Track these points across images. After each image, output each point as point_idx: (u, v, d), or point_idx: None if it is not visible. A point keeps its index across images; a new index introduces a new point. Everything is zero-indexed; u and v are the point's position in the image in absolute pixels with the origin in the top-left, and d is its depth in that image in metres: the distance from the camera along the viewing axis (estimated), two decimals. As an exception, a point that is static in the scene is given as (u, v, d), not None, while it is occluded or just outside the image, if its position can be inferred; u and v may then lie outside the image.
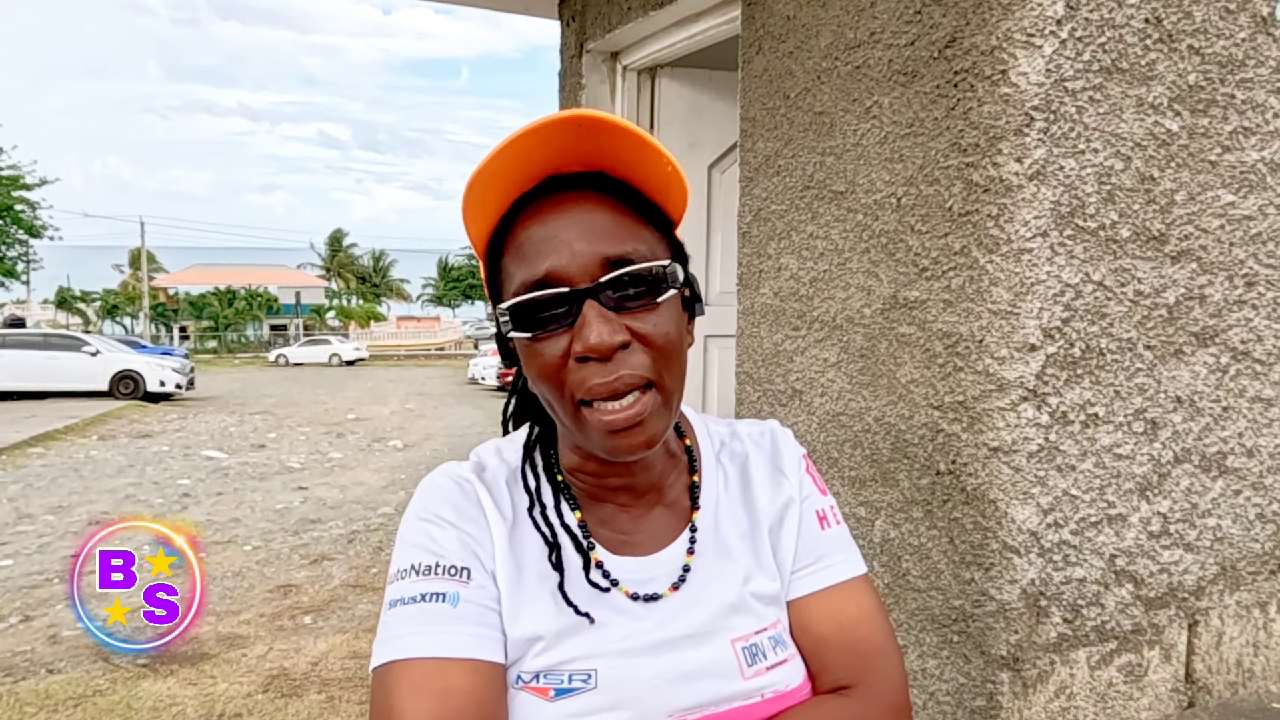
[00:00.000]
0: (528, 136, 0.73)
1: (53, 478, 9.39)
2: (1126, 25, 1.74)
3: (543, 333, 0.76)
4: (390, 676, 0.76)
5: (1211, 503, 1.96)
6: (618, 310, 0.75)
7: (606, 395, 0.75)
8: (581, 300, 0.75)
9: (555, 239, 0.76)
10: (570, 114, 0.73)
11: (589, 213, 0.77)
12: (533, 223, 0.78)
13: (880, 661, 0.88)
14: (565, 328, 0.76)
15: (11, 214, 27.75)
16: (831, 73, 2.06)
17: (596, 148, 0.76)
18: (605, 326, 0.74)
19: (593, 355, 0.74)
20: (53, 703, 3.68)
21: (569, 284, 0.75)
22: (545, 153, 0.76)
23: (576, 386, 0.76)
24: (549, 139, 0.74)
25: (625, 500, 0.87)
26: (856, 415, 2.00)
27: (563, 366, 0.76)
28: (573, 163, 0.78)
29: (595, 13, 3.17)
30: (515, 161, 0.75)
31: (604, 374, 0.75)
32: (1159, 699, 1.91)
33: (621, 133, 0.75)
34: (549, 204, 0.78)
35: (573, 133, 0.74)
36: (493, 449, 0.91)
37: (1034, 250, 1.67)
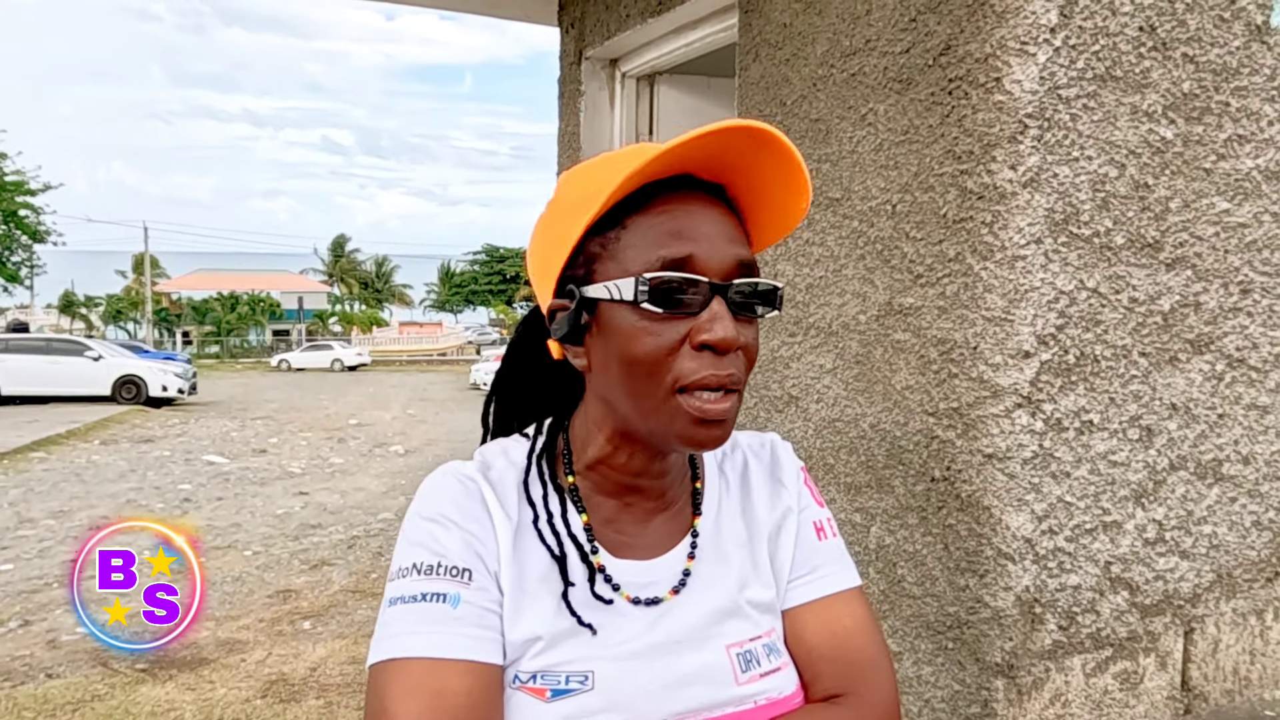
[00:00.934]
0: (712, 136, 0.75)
1: (54, 482, 9.41)
2: (1120, 33, 1.75)
3: (669, 312, 0.77)
4: (386, 675, 0.76)
5: (1207, 510, 1.96)
6: (734, 314, 0.78)
7: (715, 387, 0.77)
8: (714, 294, 0.77)
9: (701, 230, 0.78)
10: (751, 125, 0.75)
11: (723, 216, 0.80)
12: (674, 210, 0.79)
13: (872, 672, 0.89)
14: (688, 315, 0.77)
15: (15, 219, 27.82)
16: (827, 80, 2.06)
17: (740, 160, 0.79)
18: (733, 324, 0.77)
19: (718, 348, 0.76)
20: (51, 707, 3.68)
21: (706, 275, 0.77)
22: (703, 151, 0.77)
23: (685, 373, 0.77)
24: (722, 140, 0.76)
25: (632, 500, 0.88)
26: (852, 421, 2.01)
27: (674, 352, 0.77)
28: (704, 170, 0.81)
29: (594, 20, 3.18)
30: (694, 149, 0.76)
31: (719, 367, 0.77)
32: (1155, 706, 1.91)
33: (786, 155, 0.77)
34: (689, 198, 0.80)
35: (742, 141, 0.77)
36: (498, 449, 0.91)
37: (1028, 257, 1.68)
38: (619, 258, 0.79)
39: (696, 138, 0.74)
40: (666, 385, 0.77)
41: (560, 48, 3.47)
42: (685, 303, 0.77)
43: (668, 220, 0.78)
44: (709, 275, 0.77)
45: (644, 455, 0.85)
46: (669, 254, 0.77)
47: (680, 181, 0.80)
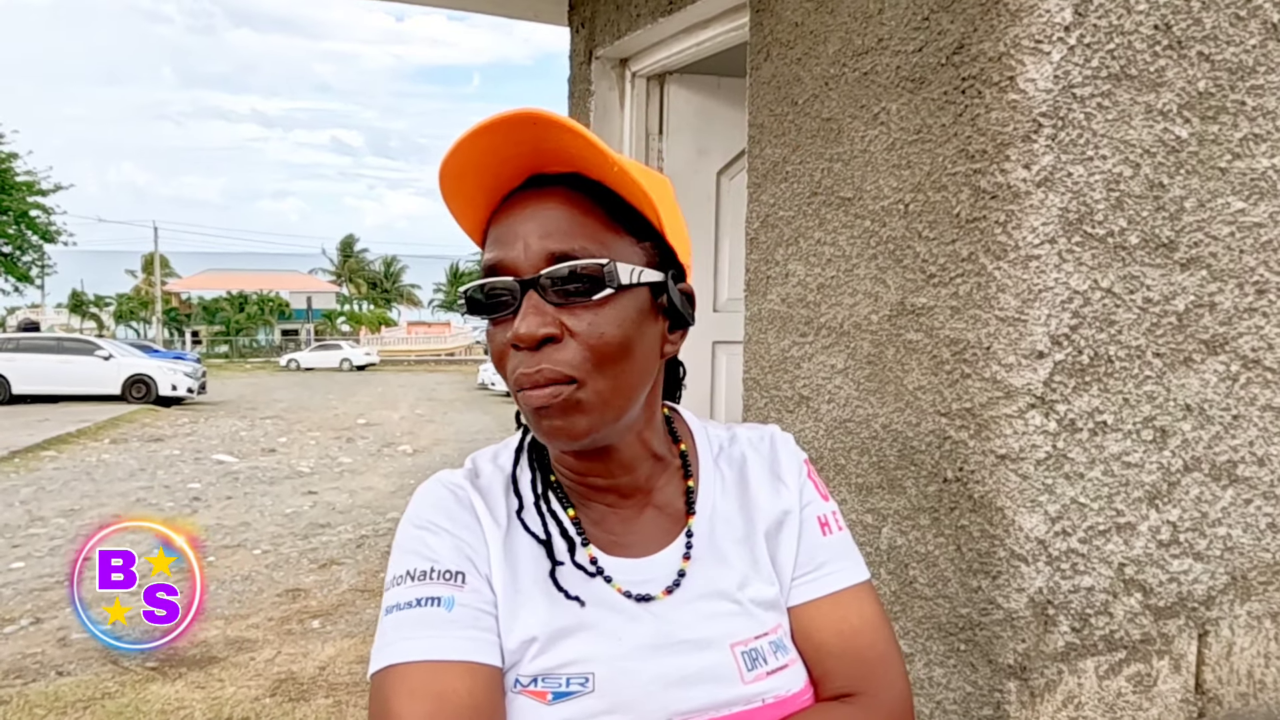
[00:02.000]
0: (481, 133, 0.76)
1: (65, 481, 9.45)
2: (1135, 31, 1.74)
3: (493, 317, 0.80)
4: (387, 681, 0.76)
5: (1222, 512, 1.95)
6: (558, 305, 0.77)
7: (528, 385, 0.78)
8: (524, 291, 0.78)
9: (514, 232, 0.79)
10: (512, 112, 0.75)
11: (551, 209, 0.79)
12: (504, 216, 0.81)
13: (883, 669, 0.88)
14: (511, 316, 0.79)
15: (26, 219, 27.95)
16: (839, 79, 2.06)
17: (563, 148, 0.78)
18: (535, 318, 0.77)
19: (519, 345, 0.77)
20: (62, 705, 3.70)
21: (517, 275, 0.79)
22: (518, 150, 0.78)
23: (511, 372, 0.79)
24: (507, 136, 0.76)
25: (612, 501, 0.88)
26: (863, 422, 2.00)
27: (505, 353, 0.80)
28: (553, 163, 0.80)
29: (604, 19, 3.18)
30: (484, 157, 0.78)
31: (528, 364, 0.78)
32: (1168, 710, 1.90)
33: (559, 128, 0.76)
34: (521, 199, 0.81)
35: (523, 130, 0.76)
36: (488, 455, 0.92)
37: (1042, 257, 1.67)
38: None
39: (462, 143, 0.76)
40: (512, 385, 0.80)
41: (570, 47, 3.46)
42: (500, 305, 0.79)
43: (494, 230, 0.82)
44: (520, 274, 0.78)
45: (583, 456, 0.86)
46: (485, 262, 0.81)
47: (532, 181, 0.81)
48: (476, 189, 0.81)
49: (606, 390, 0.79)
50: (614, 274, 0.78)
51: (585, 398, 0.78)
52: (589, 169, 0.80)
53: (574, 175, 0.81)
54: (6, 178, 27.03)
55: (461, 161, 0.77)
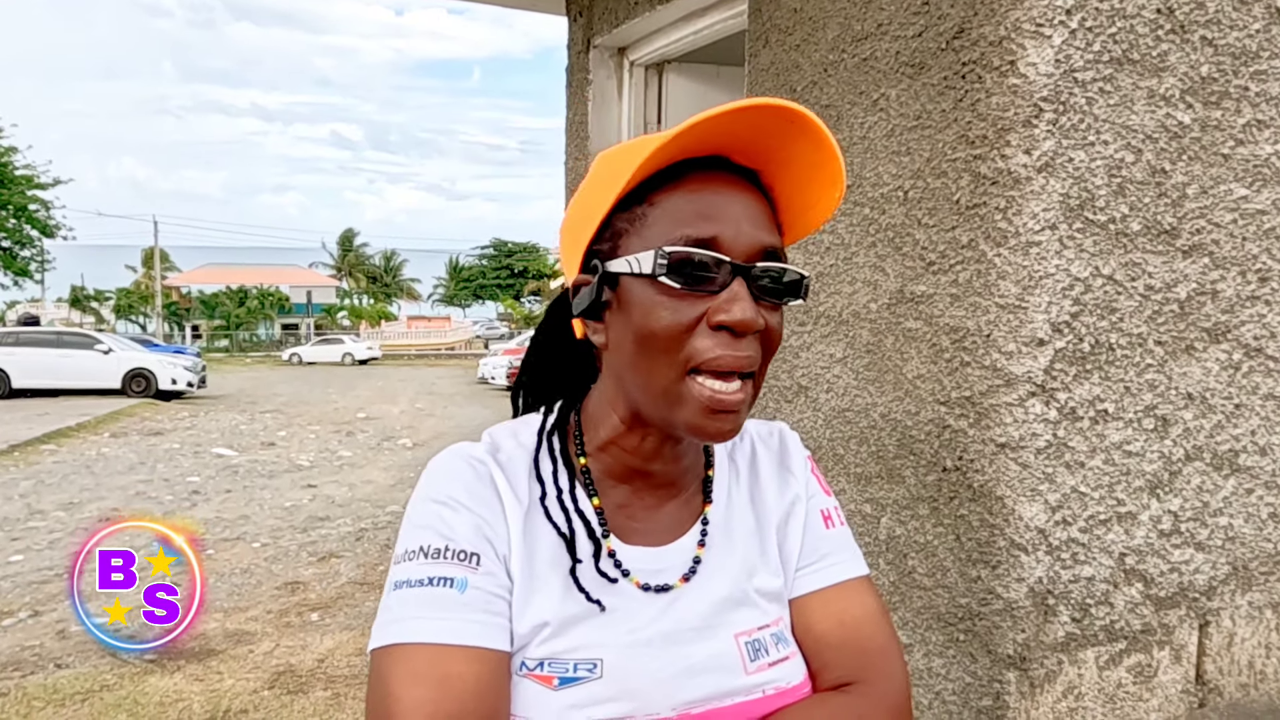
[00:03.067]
0: (744, 111, 0.74)
1: (64, 474, 9.45)
2: (1138, 15, 1.72)
3: (689, 289, 0.76)
4: (390, 660, 0.75)
5: (1223, 501, 1.94)
6: (756, 298, 0.77)
7: (727, 369, 0.76)
8: (735, 275, 0.76)
9: (728, 212, 0.77)
10: (787, 105, 0.74)
11: (757, 202, 0.80)
12: (703, 189, 0.78)
13: (882, 660, 0.88)
14: (708, 294, 0.76)
15: (25, 214, 27.95)
16: (838, 65, 2.04)
17: (776, 145, 0.78)
18: (752, 307, 0.76)
19: (735, 329, 0.75)
20: (60, 697, 3.69)
21: (729, 256, 0.76)
22: (735, 130, 0.76)
23: (699, 353, 0.76)
24: (754, 120, 0.75)
25: (643, 487, 0.87)
26: (862, 411, 1.98)
27: (690, 330, 0.76)
28: (738, 153, 0.80)
29: (602, 8, 3.16)
30: (719, 128, 0.75)
31: (735, 349, 0.76)
32: (1169, 700, 1.89)
33: (821, 140, 0.77)
34: (719, 179, 0.79)
35: (778, 124, 0.76)
36: (508, 430, 0.90)
37: (1042, 243, 1.65)
38: (644, 234, 0.78)
39: (727, 113, 0.73)
40: (679, 364, 0.76)
41: (568, 36, 3.44)
42: (705, 280, 0.76)
43: (695, 199, 0.77)
44: (733, 256, 0.76)
45: (656, 439, 0.84)
46: (694, 232, 0.76)
47: (713, 162, 0.79)
48: (678, 151, 0.77)
49: (759, 389, 0.81)
50: (809, 287, 0.82)
51: (750, 395, 0.79)
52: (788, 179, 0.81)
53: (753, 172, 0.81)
54: (6, 172, 27.02)
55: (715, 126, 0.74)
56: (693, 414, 0.77)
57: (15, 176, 27.40)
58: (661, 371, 0.77)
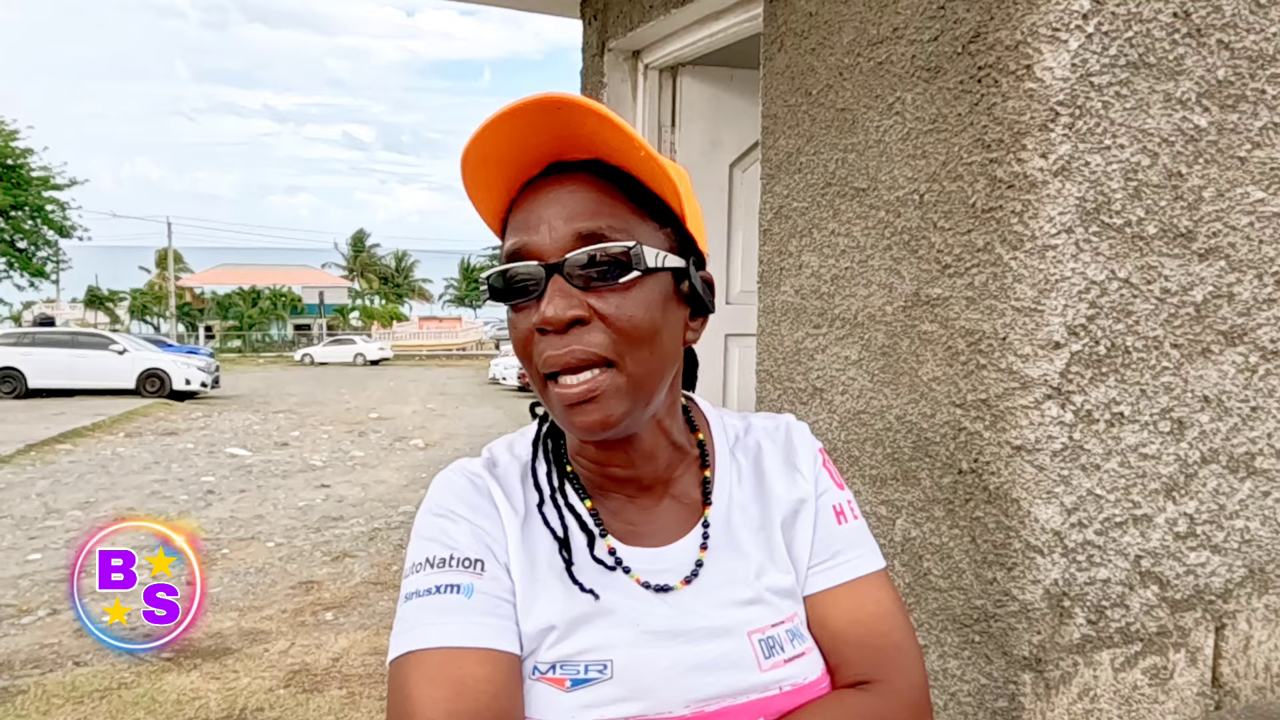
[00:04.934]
0: (506, 118, 0.75)
1: (80, 474, 9.52)
2: (1154, 19, 1.72)
3: (516, 302, 0.79)
4: (406, 667, 0.76)
5: (1239, 504, 1.93)
6: (584, 288, 0.77)
7: (560, 368, 0.77)
8: (549, 274, 0.77)
9: (537, 216, 0.79)
10: (542, 96, 0.74)
11: (575, 193, 0.79)
12: (526, 201, 0.81)
13: (900, 657, 0.88)
14: (535, 301, 0.78)
15: (42, 214, 28.15)
16: (854, 69, 2.05)
17: (585, 132, 0.78)
18: (562, 300, 0.76)
19: (547, 328, 0.76)
20: (79, 695, 3.73)
21: (542, 259, 0.78)
22: (540, 137, 0.77)
23: (537, 358, 0.78)
24: (532, 121, 0.76)
25: (632, 492, 0.88)
26: (878, 413, 1.99)
27: (530, 340, 0.79)
28: (574, 149, 0.80)
29: (617, 11, 3.17)
30: (506, 144, 0.77)
31: (557, 346, 0.77)
32: (1184, 703, 1.89)
33: (587, 112, 0.75)
34: (544, 185, 0.80)
35: (549, 114, 0.76)
36: (504, 444, 0.92)
37: (1059, 247, 1.65)
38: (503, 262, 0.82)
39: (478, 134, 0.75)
40: (538, 374, 0.79)
41: (582, 40, 3.46)
42: (525, 290, 0.78)
43: (515, 216, 0.81)
44: (545, 258, 0.77)
45: (604, 447, 0.85)
46: (508, 248, 0.80)
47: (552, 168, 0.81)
48: (497, 177, 0.80)
49: (638, 375, 0.79)
50: (640, 256, 0.78)
51: (618, 383, 0.78)
52: (612, 154, 0.79)
53: (595, 161, 0.80)
54: (22, 173, 27.22)
55: (484, 148, 0.77)
56: (561, 415, 0.80)
57: (32, 178, 27.61)
58: (533, 381, 0.81)
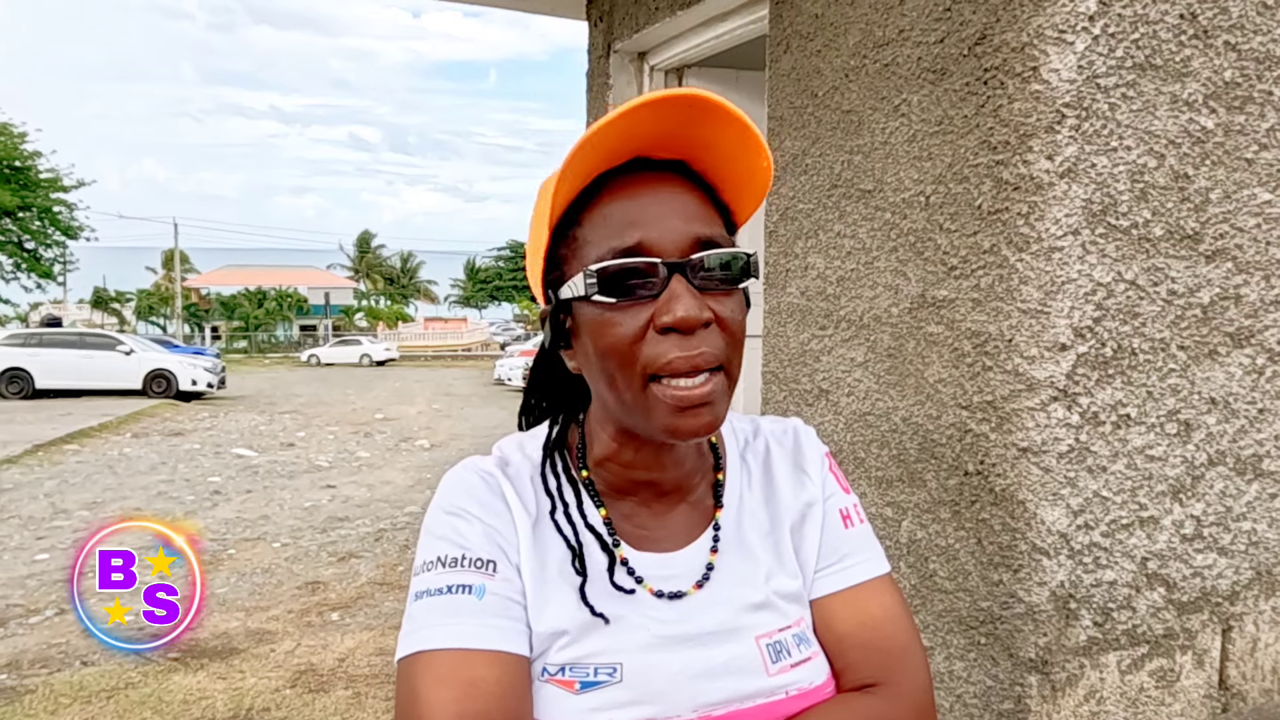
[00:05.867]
0: (639, 110, 0.73)
1: (87, 474, 9.55)
2: (1161, 21, 1.72)
3: (627, 300, 0.76)
4: (416, 667, 0.76)
5: (1246, 506, 1.93)
6: (701, 290, 0.76)
7: (685, 370, 0.75)
8: (671, 274, 0.76)
9: (648, 213, 0.77)
10: (685, 92, 0.74)
11: (678, 194, 0.79)
12: (622, 197, 0.78)
13: (905, 660, 0.88)
14: (649, 299, 0.76)
15: (49, 215, 28.25)
16: (860, 71, 2.05)
17: (691, 133, 0.77)
18: (694, 301, 0.75)
19: (680, 328, 0.75)
20: (86, 694, 3.74)
21: (660, 257, 0.76)
22: (641, 129, 0.76)
23: (653, 360, 0.76)
24: (659, 114, 0.75)
25: (649, 496, 0.88)
26: (884, 415, 1.99)
27: (640, 339, 0.76)
28: (660, 148, 0.79)
29: (623, 13, 3.18)
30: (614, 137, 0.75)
31: (686, 348, 0.75)
32: (1191, 705, 1.88)
33: (737, 122, 0.75)
34: (638, 181, 0.79)
35: (684, 112, 0.75)
36: (515, 444, 0.91)
37: (1065, 249, 1.65)
38: (580, 256, 0.79)
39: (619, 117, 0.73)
40: (639, 375, 0.77)
41: (588, 41, 3.46)
42: (641, 288, 0.76)
43: (617, 209, 0.78)
44: (664, 256, 0.76)
45: (649, 450, 0.85)
46: (619, 243, 0.76)
47: (635, 165, 0.79)
48: (588, 166, 0.77)
49: (735, 378, 0.80)
50: (756, 264, 0.80)
51: (724, 386, 0.78)
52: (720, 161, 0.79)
53: (679, 163, 0.80)
54: (30, 175, 27.33)
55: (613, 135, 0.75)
56: (664, 418, 0.77)
57: (40, 180, 27.71)
58: (625, 384, 0.78)
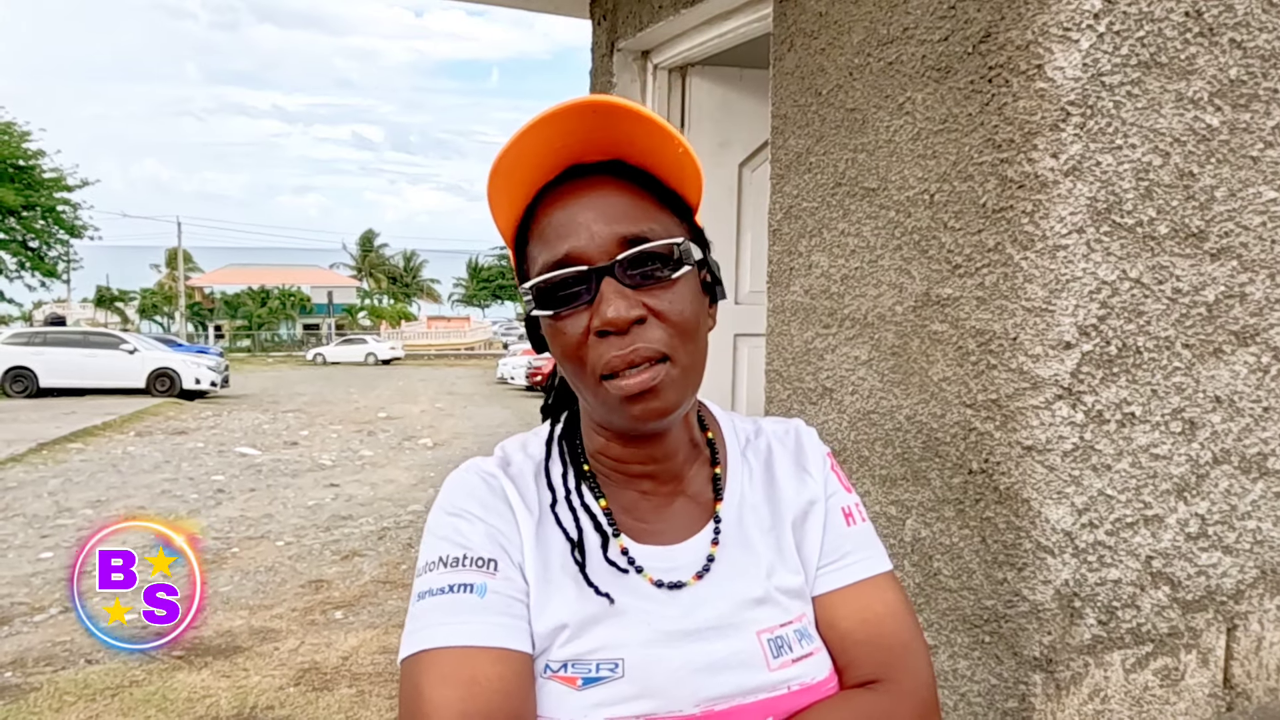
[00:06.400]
0: (546, 122, 0.76)
1: (91, 473, 9.57)
2: (1166, 19, 1.72)
3: (565, 310, 0.80)
4: (419, 666, 0.77)
5: (1251, 505, 1.93)
6: (635, 287, 0.78)
7: (623, 367, 0.78)
8: (600, 278, 0.78)
9: (574, 221, 0.80)
10: (586, 99, 0.76)
11: (606, 196, 0.81)
12: (554, 208, 0.81)
13: (908, 657, 0.89)
14: (585, 305, 0.79)
15: (53, 214, 28.30)
16: (864, 69, 2.05)
17: (612, 134, 0.79)
18: (622, 302, 0.77)
19: (610, 329, 0.77)
20: (91, 692, 3.75)
21: (588, 263, 0.79)
22: (565, 140, 0.79)
23: (596, 361, 0.79)
24: (567, 125, 0.77)
25: (647, 488, 0.89)
26: (887, 414, 1.99)
27: (584, 344, 0.79)
28: (592, 151, 0.81)
29: (626, 11, 3.17)
30: (536, 149, 0.78)
31: (621, 347, 0.78)
32: (1196, 704, 1.88)
33: (634, 116, 0.78)
34: (569, 189, 0.81)
35: (589, 119, 0.77)
36: (518, 444, 0.93)
37: (1069, 247, 1.65)
38: (530, 269, 0.83)
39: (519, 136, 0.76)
40: (592, 376, 0.80)
41: (592, 40, 3.46)
42: (575, 296, 0.79)
43: (549, 223, 0.81)
44: (591, 262, 0.78)
45: (621, 442, 0.87)
46: (550, 256, 0.80)
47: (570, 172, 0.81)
48: (521, 182, 0.81)
49: (689, 365, 0.82)
50: (688, 252, 0.81)
51: (676, 375, 0.80)
52: (641, 154, 0.81)
53: (614, 163, 0.82)
54: (34, 174, 27.38)
55: (518, 154, 0.78)
56: (618, 412, 0.81)
57: (44, 179, 27.77)
58: (584, 385, 0.82)
